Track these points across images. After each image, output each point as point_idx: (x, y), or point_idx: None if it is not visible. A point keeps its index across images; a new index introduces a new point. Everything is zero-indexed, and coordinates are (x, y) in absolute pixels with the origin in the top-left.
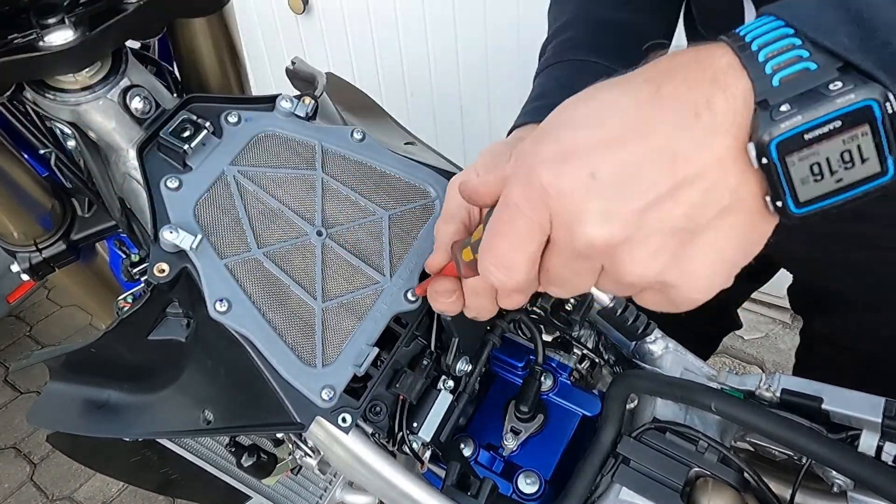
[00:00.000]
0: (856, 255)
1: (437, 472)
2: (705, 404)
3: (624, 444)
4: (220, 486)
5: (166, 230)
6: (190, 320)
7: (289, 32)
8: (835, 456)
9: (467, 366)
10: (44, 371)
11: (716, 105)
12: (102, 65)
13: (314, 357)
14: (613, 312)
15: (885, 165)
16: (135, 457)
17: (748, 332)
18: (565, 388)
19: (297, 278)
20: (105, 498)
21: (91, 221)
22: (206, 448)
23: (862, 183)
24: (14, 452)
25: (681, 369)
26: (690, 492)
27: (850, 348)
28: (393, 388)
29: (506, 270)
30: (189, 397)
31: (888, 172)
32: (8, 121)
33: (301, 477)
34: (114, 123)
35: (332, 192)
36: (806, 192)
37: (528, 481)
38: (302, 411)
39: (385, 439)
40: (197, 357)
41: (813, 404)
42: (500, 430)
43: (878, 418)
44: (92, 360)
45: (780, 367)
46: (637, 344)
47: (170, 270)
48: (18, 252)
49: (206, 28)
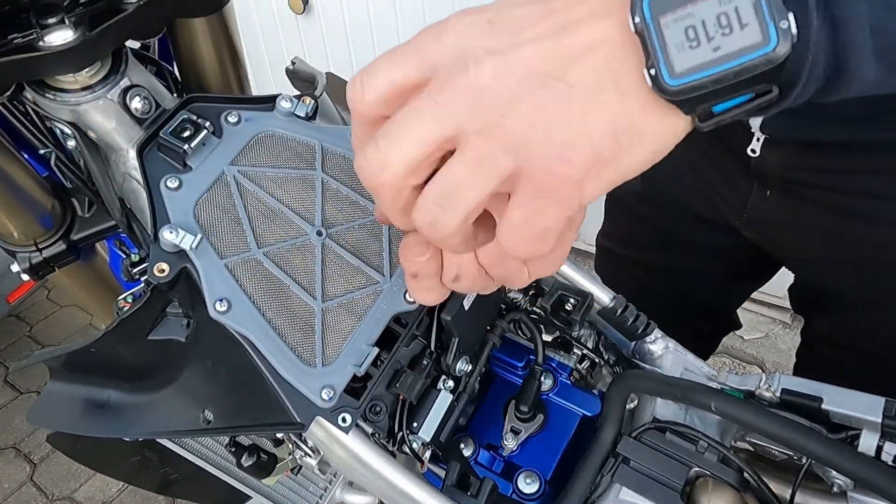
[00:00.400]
0: (856, 254)
1: (437, 472)
2: (705, 404)
3: (624, 443)
4: (220, 486)
5: (166, 230)
6: (190, 320)
7: (289, 32)
8: (835, 456)
9: (467, 366)
10: (44, 371)
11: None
12: (102, 65)
13: (314, 357)
14: (613, 312)
15: (766, 33)
16: (135, 457)
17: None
18: (565, 387)
19: (296, 278)
20: (105, 498)
21: (91, 221)
22: (206, 448)
23: (742, 53)
24: (14, 452)
25: (681, 369)
26: (690, 492)
27: (850, 348)
28: (393, 388)
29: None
30: (189, 397)
31: (770, 41)
32: (8, 121)
33: (301, 477)
34: (114, 123)
35: (332, 192)
36: (682, 60)
37: (527, 481)
38: (302, 411)
39: (385, 439)
40: (197, 357)
41: (813, 404)
42: (500, 430)
43: (878, 418)
44: (92, 359)
45: (780, 367)
46: (637, 344)
47: (170, 270)
48: (18, 252)
49: (206, 28)
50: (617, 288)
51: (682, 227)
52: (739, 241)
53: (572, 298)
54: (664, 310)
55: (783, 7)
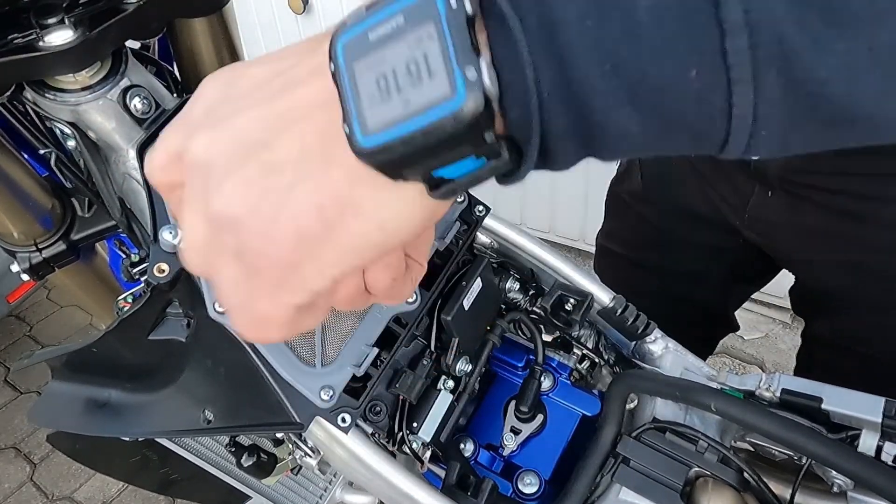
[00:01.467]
0: (857, 257)
1: (436, 472)
2: (705, 404)
3: (624, 443)
4: (221, 486)
5: (166, 230)
6: (190, 320)
7: (289, 32)
8: (834, 456)
9: (467, 366)
10: (43, 371)
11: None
12: (102, 65)
13: (313, 357)
14: (613, 312)
15: (453, 84)
16: (135, 456)
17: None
18: (565, 388)
19: None
20: (105, 498)
21: (91, 221)
22: (206, 448)
23: (428, 107)
24: (14, 452)
25: (681, 369)
26: (690, 492)
27: (850, 350)
28: (393, 389)
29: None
30: (189, 397)
31: (458, 95)
32: (8, 121)
33: (301, 477)
34: (114, 123)
35: None
36: (374, 115)
37: (527, 481)
38: (301, 411)
39: (385, 439)
40: (197, 357)
41: (813, 404)
42: (500, 430)
43: (877, 418)
44: (94, 359)
45: (780, 367)
46: (637, 344)
47: (169, 270)
48: (18, 252)
49: (206, 28)
50: (615, 288)
51: (682, 227)
52: (740, 242)
53: (572, 298)
54: (663, 311)
55: (470, 50)
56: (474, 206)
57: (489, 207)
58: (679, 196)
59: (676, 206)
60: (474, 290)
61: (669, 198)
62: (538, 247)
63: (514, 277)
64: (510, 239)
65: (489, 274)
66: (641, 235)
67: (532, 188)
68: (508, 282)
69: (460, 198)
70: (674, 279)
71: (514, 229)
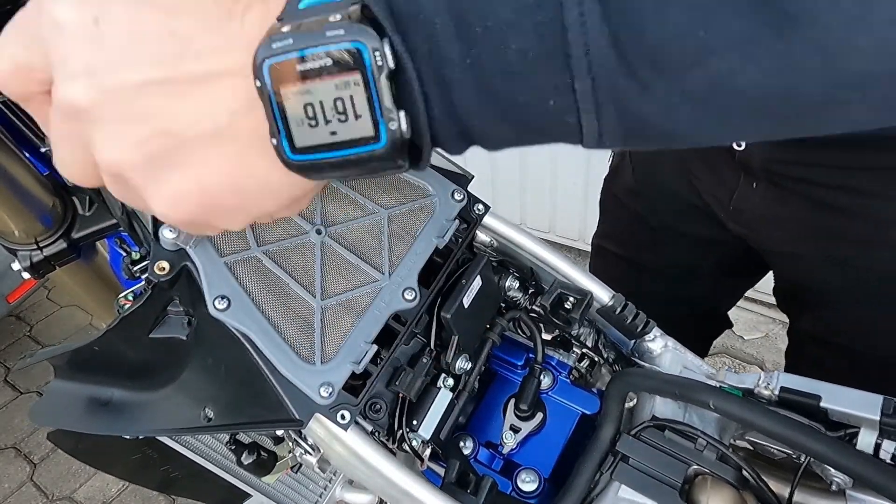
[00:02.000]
0: (839, 251)
1: (436, 469)
2: (704, 402)
3: (623, 441)
4: (221, 484)
5: (166, 228)
6: (191, 318)
7: None
8: (833, 454)
9: (467, 364)
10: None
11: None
12: None
13: (313, 354)
14: (613, 311)
15: (377, 129)
16: (135, 455)
17: (748, 332)
18: (564, 386)
19: (296, 276)
20: (105, 498)
21: (92, 220)
22: (206, 446)
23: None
24: (14, 452)
25: (680, 367)
26: (689, 489)
27: (834, 345)
28: (392, 386)
29: (21, 99)
30: (190, 395)
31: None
32: (8, 119)
33: (301, 475)
34: None
35: (332, 191)
36: (301, 136)
37: (527, 479)
38: (300, 408)
39: (385, 437)
40: (198, 355)
41: (811, 402)
42: (499, 428)
43: (876, 416)
44: (95, 358)
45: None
46: (636, 342)
47: (170, 268)
48: (19, 250)
49: None
50: (611, 287)
51: (672, 219)
52: (728, 234)
53: (572, 297)
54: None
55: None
56: (474, 205)
57: (488, 206)
58: (668, 188)
59: (667, 199)
60: (474, 288)
61: (659, 190)
62: (538, 245)
63: (513, 276)
64: (510, 237)
65: (489, 272)
66: (633, 232)
67: (532, 188)
68: (508, 280)
69: (459, 196)
70: (666, 275)
71: (514, 227)
